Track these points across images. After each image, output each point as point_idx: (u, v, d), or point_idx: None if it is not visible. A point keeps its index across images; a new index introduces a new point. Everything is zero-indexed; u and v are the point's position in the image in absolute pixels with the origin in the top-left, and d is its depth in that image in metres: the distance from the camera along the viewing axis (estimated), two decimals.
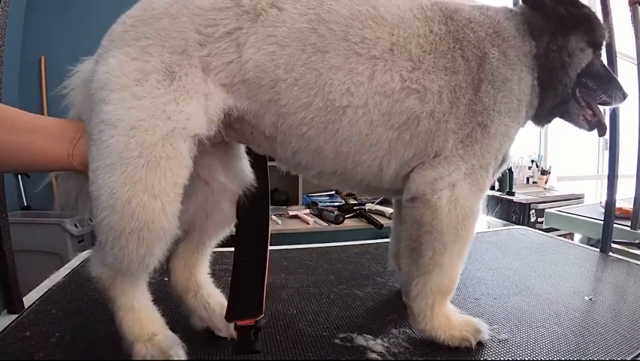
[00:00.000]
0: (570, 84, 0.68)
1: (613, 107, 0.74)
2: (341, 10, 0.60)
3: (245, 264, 0.67)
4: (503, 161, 0.69)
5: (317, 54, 0.58)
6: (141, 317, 0.60)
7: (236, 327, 0.62)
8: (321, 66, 0.59)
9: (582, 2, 0.68)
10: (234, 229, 0.72)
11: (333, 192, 2.88)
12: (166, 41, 0.56)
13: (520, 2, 0.70)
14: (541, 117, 0.71)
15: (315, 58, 0.58)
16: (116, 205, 0.53)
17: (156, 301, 0.63)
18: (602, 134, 0.72)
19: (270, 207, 0.73)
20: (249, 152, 0.72)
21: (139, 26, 0.57)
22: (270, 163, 0.73)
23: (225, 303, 0.68)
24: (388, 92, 0.60)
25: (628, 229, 1.43)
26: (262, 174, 0.72)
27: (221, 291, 0.74)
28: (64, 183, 0.68)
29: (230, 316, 0.63)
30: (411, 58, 0.61)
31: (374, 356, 0.63)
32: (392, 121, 0.61)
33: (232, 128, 0.63)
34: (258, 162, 0.72)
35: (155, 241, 0.55)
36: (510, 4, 0.76)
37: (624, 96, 0.70)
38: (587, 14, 0.68)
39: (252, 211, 0.70)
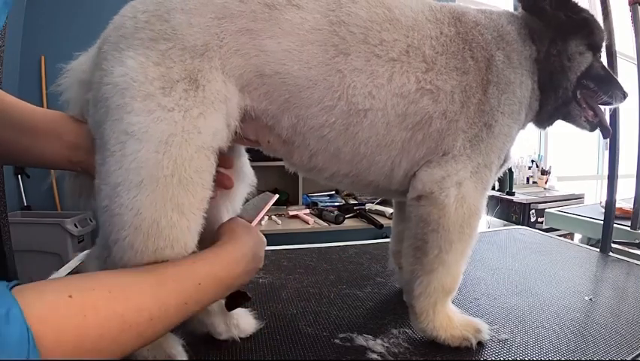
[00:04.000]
0: (570, 87, 0.69)
1: (614, 106, 0.75)
2: (359, 13, 0.59)
3: None
4: (505, 161, 0.70)
5: (340, 56, 0.58)
6: None
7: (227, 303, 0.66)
8: (345, 68, 0.58)
9: (581, 6, 0.69)
10: None
11: (333, 192, 2.88)
12: (186, 42, 0.53)
13: (520, 7, 0.71)
14: (543, 120, 0.72)
15: (339, 59, 0.58)
16: (143, 225, 0.50)
17: None
18: (606, 136, 0.73)
19: (271, 207, 0.74)
20: (248, 150, 0.71)
21: (154, 23, 0.54)
22: (270, 163, 0.73)
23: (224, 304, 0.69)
24: (405, 94, 0.60)
25: (628, 229, 1.43)
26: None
27: None
28: (71, 182, 0.66)
29: (228, 305, 0.66)
30: (425, 59, 0.61)
31: (374, 356, 0.63)
32: (407, 122, 0.61)
33: (246, 134, 0.62)
34: None
35: (174, 258, 0.54)
36: (510, 8, 0.76)
37: (624, 96, 0.71)
38: (586, 18, 0.69)
39: None
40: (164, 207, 0.50)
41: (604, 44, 0.72)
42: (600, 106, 0.72)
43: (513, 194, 2.98)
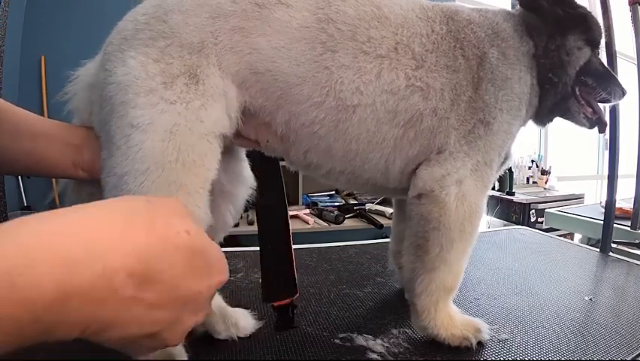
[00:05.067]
0: (570, 82, 0.69)
1: (613, 104, 0.75)
2: (348, 11, 0.60)
3: (270, 253, 0.72)
4: (506, 158, 0.70)
5: (327, 53, 0.59)
6: None
7: (274, 308, 0.69)
8: (332, 64, 0.59)
9: (577, 3, 0.70)
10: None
11: (333, 192, 2.88)
12: (183, 40, 0.56)
13: (518, 5, 0.71)
14: (543, 116, 0.72)
15: (326, 56, 0.59)
16: None
17: None
18: (602, 130, 0.73)
19: None
20: (250, 154, 0.72)
21: (153, 24, 0.56)
22: None
23: (224, 305, 0.69)
24: (394, 90, 0.61)
25: (628, 229, 1.43)
26: (275, 173, 0.73)
27: (220, 292, 0.74)
28: (75, 194, 0.65)
29: (267, 298, 0.70)
30: (414, 56, 0.62)
31: (374, 356, 0.63)
32: (397, 119, 0.62)
33: (244, 133, 0.63)
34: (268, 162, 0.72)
35: None
36: (508, 7, 0.76)
37: (623, 93, 0.71)
38: (584, 14, 0.69)
39: (270, 211, 0.73)
40: (169, 189, 0.53)
41: (602, 41, 0.72)
42: (599, 104, 0.72)
43: (513, 194, 2.98)
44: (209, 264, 0.35)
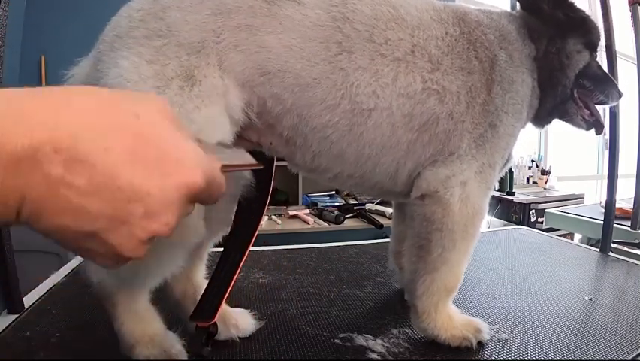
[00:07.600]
0: (569, 85, 0.69)
1: (609, 105, 0.76)
2: (364, 10, 0.59)
3: (224, 266, 0.63)
4: (508, 160, 0.70)
5: (343, 53, 0.57)
6: (142, 319, 0.59)
7: (196, 327, 0.60)
8: (348, 66, 0.57)
9: (578, 6, 0.70)
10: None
11: (333, 192, 2.88)
12: (181, 39, 0.53)
13: (519, 7, 0.71)
14: (541, 118, 0.73)
15: (342, 57, 0.57)
16: None
17: (156, 301, 0.63)
18: (599, 132, 0.74)
19: (270, 207, 0.72)
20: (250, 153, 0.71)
21: (149, 21, 0.54)
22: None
23: (224, 306, 0.69)
24: (411, 94, 0.60)
25: (628, 229, 1.43)
26: (266, 176, 0.68)
27: None
28: None
29: (192, 315, 0.59)
30: (430, 59, 0.61)
31: (374, 356, 0.63)
32: (413, 122, 0.61)
33: (245, 135, 0.61)
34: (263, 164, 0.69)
35: (178, 250, 0.54)
36: (507, 8, 0.77)
37: (620, 95, 0.72)
38: (584, 18, 0.70)
39: (249, 212, 0.68)
40: None
41: (600, 44, 0.72)
42: (596, 105, 0.72)
43: (513, 194, 2.98)
44: (162, 160, 0.28)
